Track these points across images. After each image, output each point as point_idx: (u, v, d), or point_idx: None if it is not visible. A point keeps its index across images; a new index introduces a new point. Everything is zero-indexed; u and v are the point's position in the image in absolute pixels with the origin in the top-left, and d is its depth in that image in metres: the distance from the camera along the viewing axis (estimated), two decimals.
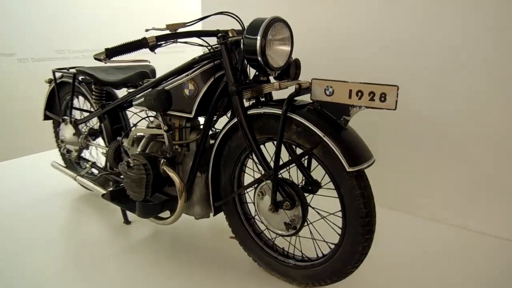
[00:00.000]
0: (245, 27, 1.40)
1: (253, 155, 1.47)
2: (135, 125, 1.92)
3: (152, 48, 1.41)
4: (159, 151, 1.78)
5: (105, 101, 2.09)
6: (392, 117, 2.20)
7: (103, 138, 2.17)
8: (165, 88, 1.64)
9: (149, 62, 1.56)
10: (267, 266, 1.67)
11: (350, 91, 1.25)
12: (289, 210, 1.42)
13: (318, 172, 1.52)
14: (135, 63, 1.51)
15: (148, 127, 1.86)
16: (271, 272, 1.66)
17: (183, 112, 1.62)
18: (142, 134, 1.83)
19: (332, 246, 1.46)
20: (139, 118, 1.86)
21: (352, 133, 1.33)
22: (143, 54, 1.46)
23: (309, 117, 1.32)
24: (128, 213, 2.16)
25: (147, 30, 1.43)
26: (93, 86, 2.05)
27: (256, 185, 1.52)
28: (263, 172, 1.44)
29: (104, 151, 2.14)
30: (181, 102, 1.61)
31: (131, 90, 1.93)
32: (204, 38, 1.50)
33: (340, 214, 1.38)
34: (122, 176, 1.79)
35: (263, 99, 1.54)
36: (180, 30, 1.43)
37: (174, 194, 1.70)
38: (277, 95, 1.52)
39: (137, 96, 1.81)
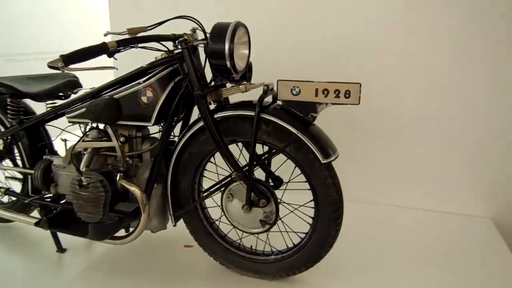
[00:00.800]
0: (204, 32, 1.42)
1: (224, 158, 1.48)
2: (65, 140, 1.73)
3: (112, 54, 1.31)
4: (106, 166, 1.64)
5: (23, 115, 1.82)
6: (344, 112, 2.34)
7: (13, 159, 1.88)
8: (114, 97, 1.52)
9: (117, 69, 1.43)
10: (237, 267, 1.68)
11: (316, 89, 1.37)
12: (263, 207, 1.47)
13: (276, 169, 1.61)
14: (97, 70, 1.36)
15: (83, 141, 1.69)
16: (242, 272, 1.69)
17: (139, 121, 1.53)
18: (80, 149, 1.65)
19: (303, 236, 1.57)
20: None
21: (319, 129, 1.45)
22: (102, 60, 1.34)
23: (280, 116, 1.40)
24: (62, 239, 1.91)
25: (106, 34, 1.32)
26: (8, 99, 1.76)
27: (223, 188, 1.54)
28: (233, 174, 1.46)
29: (17, 174, 1.87)
30: (135, 110, 1.51)
31: (56, 103, 1.72)
32: (163, 43, 1.45)
33: (309, 205, 1.49)
34: (67, 198, 1.61)
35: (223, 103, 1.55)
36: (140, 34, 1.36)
37: (126, 210, 1.60)
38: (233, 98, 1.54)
39: (73, 107, 1.63)
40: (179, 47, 1.42)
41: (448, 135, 2.22)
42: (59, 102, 1.77)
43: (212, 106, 1.49)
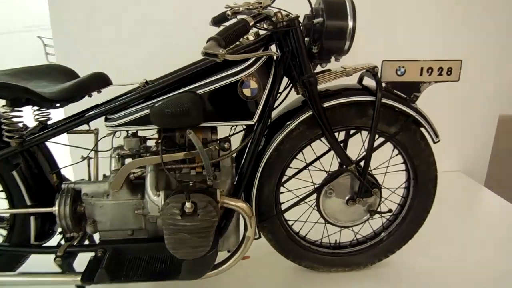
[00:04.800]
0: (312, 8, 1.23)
1: (336, 151, 1.33)
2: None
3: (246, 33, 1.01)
4: (180, 184, 1.28)
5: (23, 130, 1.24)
6: None
7: (9, 193, 1.29)
8: (197, 92, 1.19)
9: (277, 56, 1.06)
10: (326, 266, 1.57)
11: (422, 68, 1.36)
12: (371, 197, 1.41)
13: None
14: (252, 55, 0.97)
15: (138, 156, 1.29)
16: (331, 270, 1.58)
17: (234, 119, 1.23)
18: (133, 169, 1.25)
19: (392, 218, 1.56)
20: None
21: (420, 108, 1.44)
22: None
23: (395, 99, 1.33)
24: None
25: (228, 7, 1.00)
26: (8, 109, 1.16)
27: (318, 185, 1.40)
28: (350, 166, 1.34)
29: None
30: (232, 106, 1.21)
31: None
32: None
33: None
34: (163, 232, 1.22)
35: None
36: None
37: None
38: None
39: (124, 111, 1.21)
40: (289, 25, 1.19)
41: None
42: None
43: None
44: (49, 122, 1.33)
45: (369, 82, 1.41)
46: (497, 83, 2.47)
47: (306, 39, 1.28)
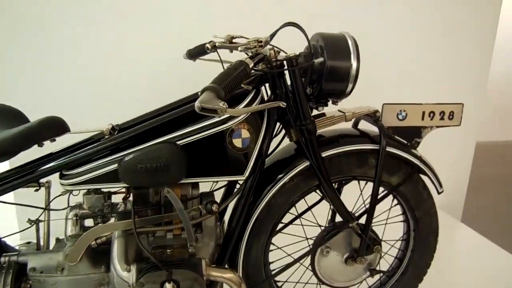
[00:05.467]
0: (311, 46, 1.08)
1: (334, 205, 1.18)
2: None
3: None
4: (155, 255, 1.06)
5: None
6: None
7: None
8: (177, 143, 0.99)
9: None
10: None
11: (423, 112, 1.25)
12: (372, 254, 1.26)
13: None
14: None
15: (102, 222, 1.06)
16: None
17: (221, 174, 1.04)
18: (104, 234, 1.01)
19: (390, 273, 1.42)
20: None
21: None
22: None
23: (399, 147, 1.21)
24: None
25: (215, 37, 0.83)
26: None
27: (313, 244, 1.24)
28: (350, 222, 1.19)
29: None
30: (218, 159, 1.02)
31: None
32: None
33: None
34: None
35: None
36: None
37: None
38: None
39: (84, 167, 0.98)
40: (286, 65, 1.03)
41: None
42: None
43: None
44: None
45: (365, 125, 1.29)
46: (472, 111, 2.45)
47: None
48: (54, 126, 1.04)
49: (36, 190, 1.03)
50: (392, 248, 1.43)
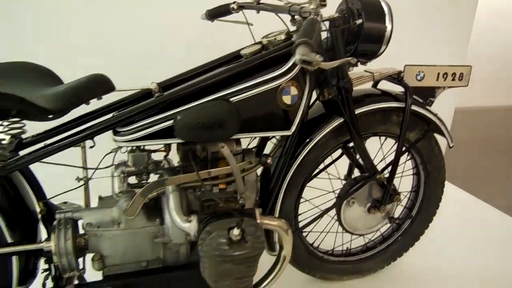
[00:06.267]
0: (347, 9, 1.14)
1: (364, 159, 1.28)
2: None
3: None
4: (206, 205, 1.11)
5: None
6: None
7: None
8: (230, 100, 1.03)
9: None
10: (340, 275, 1.52)
11: (438, 74, 1.36)
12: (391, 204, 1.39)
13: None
14: None
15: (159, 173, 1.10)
16: (344, 278, 1.53)
17: (270, 130, 1.09)
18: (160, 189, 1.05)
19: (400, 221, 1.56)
20: None
21: None
22: None
23: (418, 104, 1.31)
24: None
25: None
26: None
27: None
28: (377, 175, 1.30)
29: None
30: (268, 115, 1.07)
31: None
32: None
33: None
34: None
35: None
36: None
37: None
38: None
39: (145, 122, 1.00)
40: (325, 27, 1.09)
41: None
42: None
43: None
44: (24, 136, 1.06)
45: (383, 86, 1.38)
46: None
47: None
48: (101, 84, 1.04)
49: (91, 147, 1.04)
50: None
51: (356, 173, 1.42)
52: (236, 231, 0.95)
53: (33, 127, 1.06)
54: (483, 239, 1.87)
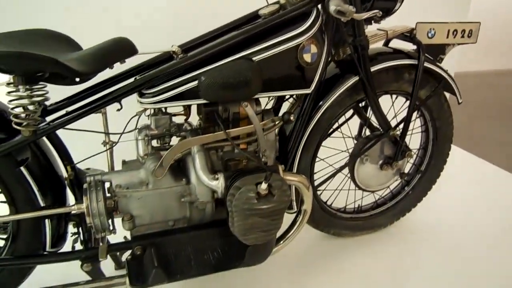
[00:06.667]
0: None
1: (378, 117, 1.31)
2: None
3: None
4: (230, 164, 1.15)
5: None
6: None
7: (10, 195, 1.02)
8: (253, 59, 1.04)
9: None
10: (352, 231, 1.58)
11: (448, 31, 1.38)
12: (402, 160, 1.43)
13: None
14: None
15: (179, 135, 1.12)
16: (356, 234, 1.60)
17: (290, 88, 1.11)
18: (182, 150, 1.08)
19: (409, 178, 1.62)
20: None
21: None
22: None
23: (430, 61, 1.34)
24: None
25: None
26: (18, 88, 0.87)
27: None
28: (390, 131, 1.34)
29: None
30: (288, 74, 1.09)
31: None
32: None
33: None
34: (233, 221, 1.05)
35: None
36: None
37: None
38: None
39: (170, 84, 1.01)
40: None
41: None
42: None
43: None
44: (47, 103, 1.06)
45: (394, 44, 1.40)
46: None
47: None
48: (125, 47, 1.04)
49: (118, 110, 1.05)
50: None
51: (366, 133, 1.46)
52: (264, 185, 0.99)
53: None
54: (482, 195, 1.95)
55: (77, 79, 0.98)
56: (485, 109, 3.39)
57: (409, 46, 1.36)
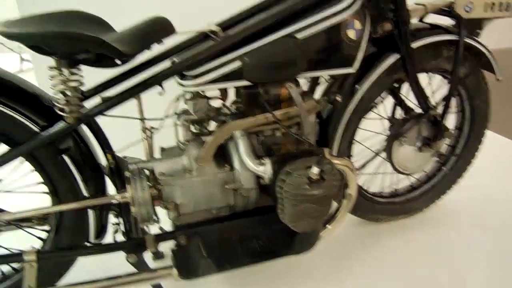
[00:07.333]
0: None
1: (419, 97, 1.27)
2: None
3: None
4: (274, 147, 1.11)
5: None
6: None
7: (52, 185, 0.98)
8: (297, 37, 1.00)
9: None
10: (389, 216, 1.55)
11: (485, 4, 1.33)
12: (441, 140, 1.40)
13: None
14: None
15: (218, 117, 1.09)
16: (392, 219, 1.56)
17: (333, 67, 1.07)
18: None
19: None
20: None
21: None
22: None
23: (469, 37, 1.30)
24: None
25: None
26: (62, 72, 0.84)
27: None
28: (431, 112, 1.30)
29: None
30: (332, 52, 1.05)
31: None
32: None
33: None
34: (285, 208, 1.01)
35: None
36: None
37: None
38: None
39: (212, 64, 0.97)
40: None
41: None
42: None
43: None
44: (82, 88, 1.02)
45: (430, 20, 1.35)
46: None
47: None
48: (164, 26, 1.00)
49: (161, 94, 1.02)
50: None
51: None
52: (316, 170, 0.95)
53: None
54: None
55: (119, 62, 0.94)
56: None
57: (441, 21, 1.31)
